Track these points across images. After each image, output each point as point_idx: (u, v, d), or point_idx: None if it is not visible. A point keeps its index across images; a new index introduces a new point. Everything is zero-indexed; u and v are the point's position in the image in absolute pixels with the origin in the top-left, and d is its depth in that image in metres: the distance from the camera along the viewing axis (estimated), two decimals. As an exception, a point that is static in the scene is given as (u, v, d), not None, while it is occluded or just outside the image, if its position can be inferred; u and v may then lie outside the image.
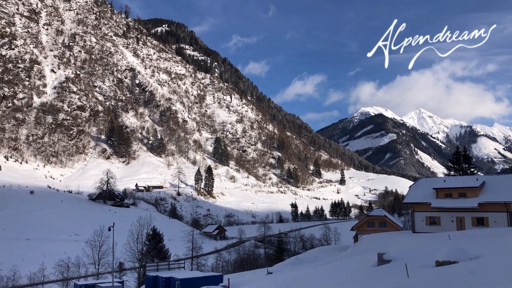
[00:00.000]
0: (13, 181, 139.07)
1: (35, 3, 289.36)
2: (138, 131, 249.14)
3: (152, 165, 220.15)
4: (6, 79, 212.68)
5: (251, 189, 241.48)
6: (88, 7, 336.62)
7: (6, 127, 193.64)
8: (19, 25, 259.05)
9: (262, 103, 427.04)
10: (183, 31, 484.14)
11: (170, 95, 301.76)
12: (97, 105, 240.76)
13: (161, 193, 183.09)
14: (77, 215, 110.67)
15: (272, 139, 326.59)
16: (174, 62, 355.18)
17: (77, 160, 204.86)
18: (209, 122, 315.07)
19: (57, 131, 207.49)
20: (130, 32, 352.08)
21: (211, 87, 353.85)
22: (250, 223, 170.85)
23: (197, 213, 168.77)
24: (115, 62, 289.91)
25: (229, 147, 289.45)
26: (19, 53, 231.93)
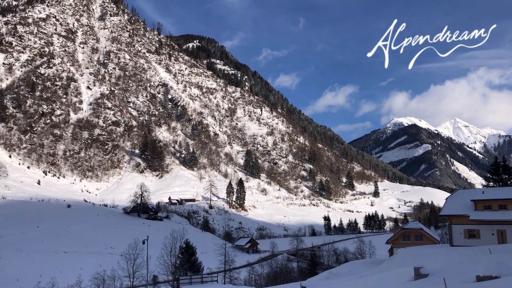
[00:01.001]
0: (51, 195, 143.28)
1: (71, 23, 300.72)
2: (171, 145, 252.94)
3: (184, 179, 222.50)
4: (45, 97, 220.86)
5: (283, 202, 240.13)
6: (122, 25, 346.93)
7: (45, 143, 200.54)
8: (57, 45, 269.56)
9: (292, 115, 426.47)
10: (214, 46, 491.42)
11: (202, 109, 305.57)
12: (131, 120, 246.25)
13: (194, 206, 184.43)
14: (112, 228, 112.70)
15: (303, 151, 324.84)
16: (205, 77, 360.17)
17: (112, 174, 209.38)
18: (240, 135, 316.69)
19: (93, 146, 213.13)
20: (162, 48, 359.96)
21: (242, 100, 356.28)
22: (282, 236, 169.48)
23: (229, 226, 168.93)
24: (148, 78, 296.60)
25: (260, 159, 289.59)
26: (56, 72, 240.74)
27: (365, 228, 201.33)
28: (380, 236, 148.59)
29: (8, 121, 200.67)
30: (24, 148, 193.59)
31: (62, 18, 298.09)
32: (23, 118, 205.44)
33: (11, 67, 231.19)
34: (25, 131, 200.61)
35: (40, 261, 73.15)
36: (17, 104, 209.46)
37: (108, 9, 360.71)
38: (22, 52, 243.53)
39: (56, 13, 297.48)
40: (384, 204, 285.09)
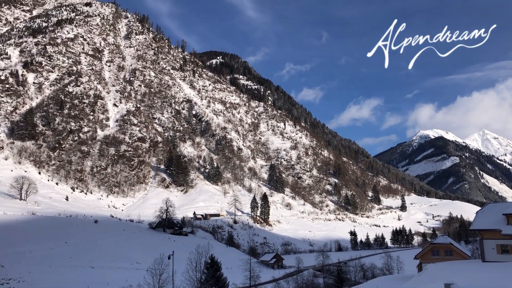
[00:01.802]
0: (79, 211, 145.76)
1: (98, 42, 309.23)
2: (195, 160, 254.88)
3: (209, 193, 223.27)
4: (73, 114, 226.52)
5: (308, 216, 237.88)
6: (147, 43, 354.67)
7: (73, 160, 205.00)
8: (84, 63, 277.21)
9: (316, 129, 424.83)
10: (237, 62, 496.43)
11: (225, 124, 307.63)
12: (156, 136, 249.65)
13: (218, 221, 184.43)
14: (138, 243, 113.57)
15: (327, 165, 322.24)
16: (228, 92, 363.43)
17: (138, 190, 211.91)
18: (263, 149, 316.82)
19: (119, 162, 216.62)
20: (186, 65, 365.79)
21: (265, 114, 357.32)
22: (308, 251, 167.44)
23: (254, 241, 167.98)
24: (173, 95, 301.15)
25: (284, 174, 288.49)
26: (84, 90, 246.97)
27: (393, 243, 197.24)
28: (408, 251, 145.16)
29: (38, 138, 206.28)
30: (53, 164, 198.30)
31: (89, 37, 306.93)
32: (52, 136, 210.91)
33: (41, 86, 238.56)
34: (54, 148, 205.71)
35: (68, 276, 74.14)
36: (46, 122, 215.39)
37: (134, 28, 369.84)
38: (51, 72, 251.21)
39: (84, 33, 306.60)
40: (412, 219, 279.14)
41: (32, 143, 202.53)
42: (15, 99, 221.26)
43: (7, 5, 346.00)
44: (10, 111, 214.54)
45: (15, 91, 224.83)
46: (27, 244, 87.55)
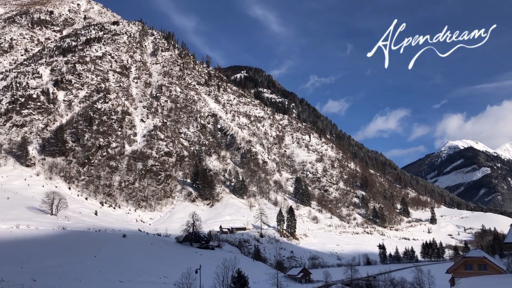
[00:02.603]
0: (108, 225, 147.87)
1: (126, 59, 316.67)
2: (220, 174, 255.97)
3: (235, 207, 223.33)
4: (101, 130, 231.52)
5: (335, 230, 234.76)
6: (173, 59, 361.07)
7: (102, 175, 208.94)
8: (112, 80, 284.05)
9: (342, 141, 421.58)
10: (261, 76, 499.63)
11: (250, 138, 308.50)
12: (182, 150, 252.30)
13: (244, 234, 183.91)
14: (165, 257, 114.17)
15: (354, 177, 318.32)
16: (253, 106, 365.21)
17: (165, 204, 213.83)
18: (288, 162, 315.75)
19: (147, 177, 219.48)
20: (211, 80, 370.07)
21: (290, 127, 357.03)
22: (336, 265, 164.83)
23: (281, 255, 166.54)
24: (198, 109, 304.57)
25: (310, 187, 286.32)
26: (112, 106, 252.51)
27: (423, 256, 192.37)
28: (439, 265, 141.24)
29: (68, 154, 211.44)
30: (82, 180, 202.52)
31: (117, 55, 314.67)
32: (81, 151, 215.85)
33: (70, 104, 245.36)
34: (83, 163, 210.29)
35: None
36: (76, 138, 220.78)
37: (160, 45, 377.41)
38: (80, 89, 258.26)
39: (111, 51, 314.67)
40: (442, 231, 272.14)
41: (62, 159, 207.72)
42: (46, 117, 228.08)
43: (39, 26, 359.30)
44: (41, 128, 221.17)
45: (46, 109, 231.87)
46: (58, 258, 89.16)
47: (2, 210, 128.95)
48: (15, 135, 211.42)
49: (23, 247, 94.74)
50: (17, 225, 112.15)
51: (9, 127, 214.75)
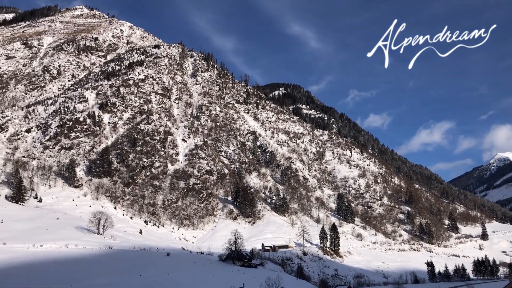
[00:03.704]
0: (152, 244, 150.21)
1: (167, 81, 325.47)
2: (261, 191, 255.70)
3: (276, 225, 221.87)
4: (145, 151, 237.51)
5: (380, 247, 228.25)
6: (212, 79, 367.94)
7: (146, 194, 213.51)
8: (155, 102, 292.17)
9: (384, 156, 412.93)
10: (299, 92, 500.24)
11: (290, 154, 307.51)
12: (223, 168, 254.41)
13: (287, 252, 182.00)
14: (209, 276, 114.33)
15: (399, 192, 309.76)
16: (292, 122, 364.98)
17: (207, 222, 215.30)
18: (330, 178, 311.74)
19: (189, 195, 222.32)
20: (250, 98, 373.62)
21: (330, 143, 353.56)
22: (382, 284, 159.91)
23: (325, 273, 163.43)
24: (237, 127, 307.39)
25: (353, 203, 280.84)
26: (155, 127, 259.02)
27: (475, 274, 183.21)
28: (493, 283, 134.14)
29: (113, 175, 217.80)
30: (127, 199, 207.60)
31: (159, 77, 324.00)
32: (126, 172, 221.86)
33: (115, 126, 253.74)
34: (128, 183, 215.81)
35: (143, 308, 75.82)
36: (121, 159, 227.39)
37: (199, 66, 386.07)
38: (124, 111, 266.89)
39: (153, 73, 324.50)
40: (495, 248, 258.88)
41: (108, 180, 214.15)
42: (93, 139, 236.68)
43: (85, 53, 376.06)
44: (88, 150, 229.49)
45: (92, 131, 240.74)
46: (105, 277, 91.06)
47: (52, 230, 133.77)
48: (63, 157, 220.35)
49: (72, 266, 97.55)
50: (66, 244, 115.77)
51: (58, 150, 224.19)
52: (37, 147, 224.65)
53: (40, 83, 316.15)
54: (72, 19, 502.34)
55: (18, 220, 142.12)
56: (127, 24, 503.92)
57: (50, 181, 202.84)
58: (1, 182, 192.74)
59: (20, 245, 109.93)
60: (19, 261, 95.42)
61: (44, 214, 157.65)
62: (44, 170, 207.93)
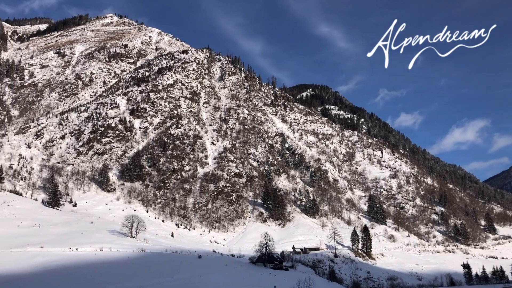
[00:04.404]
0: (183, 246, 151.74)
1: (195, 86, 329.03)
2: (291, 193, 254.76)
3: (306, 227, 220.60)
4: (175, 155, 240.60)
5: (414, 248, 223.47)
6: (240, 83, 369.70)
7: (176, 197, 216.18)
8: (184, 106, 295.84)
9: (416, 156, 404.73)
10: (327, 93, 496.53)
11: (319, 156, 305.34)
12: (252, 171, 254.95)
13: (318, 255, 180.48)
14: (240, 278, 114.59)
15: (432, 193, 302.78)
16: (320, 123, 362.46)
17: (237, 224, 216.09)
18: (360, 179, 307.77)
19: (219, 198, 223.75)
20: (277, 100, 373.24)
21: (360, 143, 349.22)
22: (417, 286, 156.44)
23: (357, 275, 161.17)
24: (266, 130, 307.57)
25: (385, 204, 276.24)
26: (184, 131, 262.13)
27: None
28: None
29: (145, 179, 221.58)
30: (159, 203, 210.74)
31: (187, 82, 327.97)
32: (157, 176, 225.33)
33: (146, 130, 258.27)
34: (159, 187, 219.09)
35: (175, 311, 76.60)
36: (152, 163, 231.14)
37: (227, 69, 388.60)
38: (154, 116, 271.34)
39: (182, 78, 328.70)
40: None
41: (140, 184, 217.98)
42: (124, 144, 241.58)
43: (115, 60, 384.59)
44: (120, 155, 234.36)
45: (124, 137, 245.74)
46: (139, 280, 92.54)
47: (87, 233, 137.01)
48: (96, 162, 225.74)
49: (107, 269, 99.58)
50: (100, 247, 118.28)
51: (91, 155, 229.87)
52: (71, 153, 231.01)
53: (73, 91, 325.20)
54: (102, 27, 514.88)
55: (54, 224, 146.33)
56: (155, 30, 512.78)
57: (84, 186, 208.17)
58: (37, 187, 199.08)
59: (57, 248, 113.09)
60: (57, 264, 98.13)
61: (79, 218, 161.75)
62: (78, 175, 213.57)
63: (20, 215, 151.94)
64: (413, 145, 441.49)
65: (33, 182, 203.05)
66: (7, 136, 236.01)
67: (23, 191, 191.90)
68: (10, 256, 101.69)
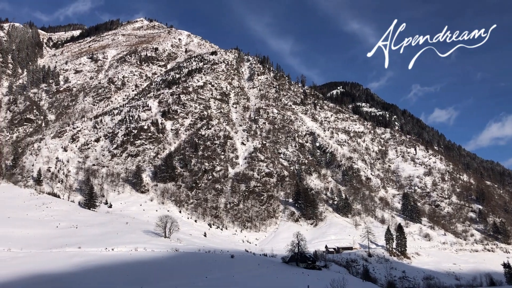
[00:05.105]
0: (216, 246, 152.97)
1: (225, 86, 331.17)
2: (322, 192, 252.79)
3: (339, 226, 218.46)
4: (206, 155, 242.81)
5: (450, 247, 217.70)
6: (269, 82, 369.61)
7: (208, 197, 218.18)
8: (214, 107, 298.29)
9: (451, 152, 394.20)
10: (358, 90, 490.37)
11: (351, 154, 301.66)
12: (282, 170, 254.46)
13: (352, 254, 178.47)
14: (273, 278, 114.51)
15: (468, 190, 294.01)
16: (351, 121, 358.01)
17: (269, 224, 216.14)
18: (394, 177, 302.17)
19: (250, 198, 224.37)
20: (307, 99, 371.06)
21: (393, 141, 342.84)
22: (454, 286, 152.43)
23: (392, 275, 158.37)
24: (295, 129, 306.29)
25: (419, 202, 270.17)
26: (215, 132, 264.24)
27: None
28: None
29: (177, 180, 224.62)
30: (191, 203, 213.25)
31: (217, 83, 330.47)
32: (189, 176, 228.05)
33: (177, 132, 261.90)
34: (191, 187, 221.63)
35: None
36: (183, 164, 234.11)
37: (256, 69, 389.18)
38: (185, 118, 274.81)
39: (211, 79, 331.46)
40: None
41: (172, 184, 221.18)
42: (157, 145, 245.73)
43: (146, 63, 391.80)
44: (153, 157, 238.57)
45: (156, 138, 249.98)
46: (173, 279, 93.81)
47: (122, 234, 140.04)
48: (130, 164, 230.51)
49: (142, 269, 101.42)
50: (135, 248, 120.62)
51: (125, 157, 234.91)
52: (105, 155, 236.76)
53: (106, 94, 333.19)
54: (133, 31, 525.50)
55: (91, 225, 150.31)
56: (185, 33, 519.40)
57: (118, 187, 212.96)
58: (74, 189, 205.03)
59: (93, 248, 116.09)
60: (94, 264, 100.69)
61: (114, 219, 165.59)
62: (113, 177, 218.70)
63: (58, 216, 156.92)
64: (447, 141, 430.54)
65: (70, 184, 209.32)
66: (45, 140, 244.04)
67: (60, 193, 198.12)
68: (50, 256, 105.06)
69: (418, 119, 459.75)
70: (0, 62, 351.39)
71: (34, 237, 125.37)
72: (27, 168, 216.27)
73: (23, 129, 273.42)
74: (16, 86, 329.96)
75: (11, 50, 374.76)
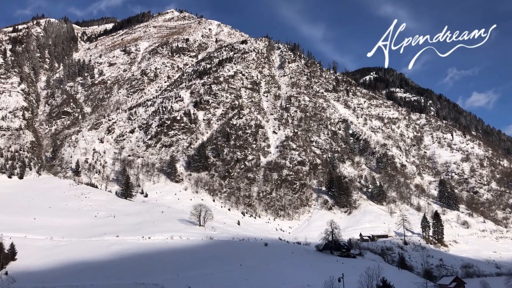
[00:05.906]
0: (250, 234, 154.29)
1: (255, 75, 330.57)
2: (356, 180, 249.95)
3: (374, 214, 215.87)
4: (238, 145, 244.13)
5: (490, 235, 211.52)
6: (300, 70, 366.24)
7: (241, 186, 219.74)
8: (245, 97, 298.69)
9: (490, 137, 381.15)
10: (392, 75, 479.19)
11: (385, 141, 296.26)
12: (315, 158, 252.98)
13: (387, 242, 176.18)
14: (307, 266, 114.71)
15: (509, 176, 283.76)
16: (385, 107, 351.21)
17: (302, 213, 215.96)
18: (430, 164, 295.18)
19: (282, 186, 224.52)
20: (339, 85, 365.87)
21: (428, 126, 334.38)
22: (495, 274, 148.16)
23: (428, 263, 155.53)
24: (328, 116, 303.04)
25: (457, 189, 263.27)
26: (246, 121, 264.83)
27: None
28: None
29: (210, 169, 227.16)
30: (224, 192, 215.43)
31: (247, 72, 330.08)
32: (222, 166, 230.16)
33: (209, 122, 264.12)
34: (224, 177, 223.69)
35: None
36: (216, 153, 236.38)
37: (286, 57, 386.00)
38: (217, 108, 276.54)
39: (242, 69, 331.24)
40: None
41: (206, 174, 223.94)
42: (189, 136, 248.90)
43: (177, 54, 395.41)
44: (186, 147, 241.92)
45: (189, 129, 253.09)
46: (208, 267, 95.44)
47: (158, 222, 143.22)
48: (164, 154, 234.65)
49: (178, 256, 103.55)
50: (171, 236, 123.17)
51: (159, 148, 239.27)
52: (140, 146, 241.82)
53: (139, 86, 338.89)
54: (164, 23, 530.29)
55: (127, 215, 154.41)
56: (214, 23, 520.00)
57: (153, 177, 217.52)
58: (111, 180, 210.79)
59: (131, 237, 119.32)
60: (132, 252, 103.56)
61: (150, 208, 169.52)
62: (148, 167, 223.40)
63: (97, 206, 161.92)
64: (486, 126, 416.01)
65: (106, 174, 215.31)
66: (82, 132, 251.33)
67: (98, 183, 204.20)
68: (90, 244, 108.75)
69: (454, 103, 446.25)
70: (38, 57, 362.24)
71: (74, 226, 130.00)
72: (66, 160, 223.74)
73: (61, 122, 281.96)
74: (53, 80, 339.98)
75: (47, 45, 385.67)
